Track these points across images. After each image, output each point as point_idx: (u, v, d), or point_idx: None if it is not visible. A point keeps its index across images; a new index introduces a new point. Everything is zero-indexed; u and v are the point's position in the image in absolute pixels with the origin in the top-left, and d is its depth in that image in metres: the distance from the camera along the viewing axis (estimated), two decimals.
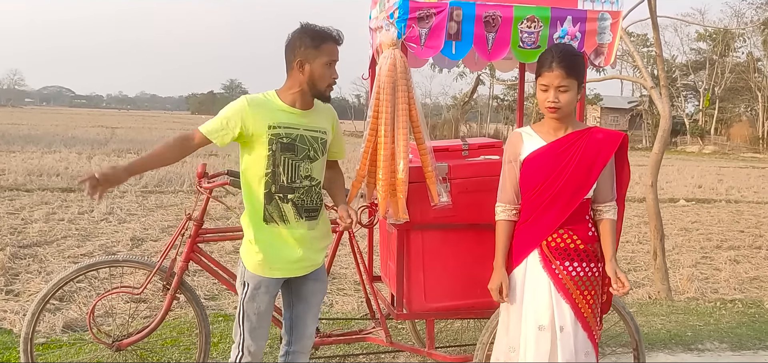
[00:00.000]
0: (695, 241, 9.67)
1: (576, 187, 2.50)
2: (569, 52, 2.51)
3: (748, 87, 49.62)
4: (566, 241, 2.53)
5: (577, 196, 2.50)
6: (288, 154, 2.58)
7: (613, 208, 2.58)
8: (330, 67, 2.59)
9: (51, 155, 18.28)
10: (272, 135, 2.56)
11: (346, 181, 3.02)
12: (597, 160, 2.50)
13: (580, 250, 2.53)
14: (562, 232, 2.52)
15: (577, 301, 2.51)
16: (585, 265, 2.53)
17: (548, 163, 2.51)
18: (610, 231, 2.57)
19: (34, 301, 3.13)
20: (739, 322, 5.03)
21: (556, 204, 2.51)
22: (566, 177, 2.49)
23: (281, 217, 2.61)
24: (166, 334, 4.20)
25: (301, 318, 2.80)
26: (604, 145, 2.51)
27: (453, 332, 4.36)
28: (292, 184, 2.60)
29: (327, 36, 2.58)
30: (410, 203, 2.96)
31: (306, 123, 2.63)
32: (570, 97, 2.46)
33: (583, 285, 2.52)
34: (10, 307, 4.99)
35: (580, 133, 2.53)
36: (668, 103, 5.90)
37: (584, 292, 2.52)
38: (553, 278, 2.52)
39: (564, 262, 2.51)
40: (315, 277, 2.78)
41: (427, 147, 2.99)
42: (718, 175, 23.18)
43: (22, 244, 7.26)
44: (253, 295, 2.64)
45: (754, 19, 40.73)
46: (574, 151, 2.50)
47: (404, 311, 3.14)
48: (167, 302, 3.16)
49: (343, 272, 6.73)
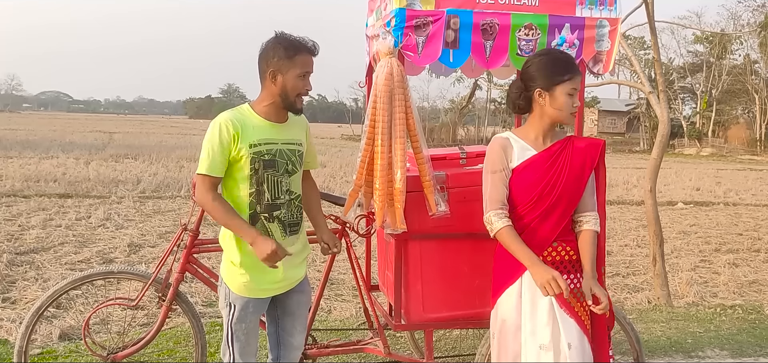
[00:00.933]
0: (694, 245, 9.65)
1: (569, 198, 2.41)
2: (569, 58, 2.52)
3: (745, 89, 49.73)
4: (561, 254, 2.44)
5: (570, 207, 2.42)
6: (270, 170, 2.52)
7: (595, 218, 2.47)
8: (303, 79, 2.52)
9: (49, 161, 18.24)
10: (254, 153, 2.49)
11: (348, 186, 2.99)
12: (584, 169, 2.42)
13: (574, 261, 2.45)
14: (556, 244, 2.43)
15: (580, 314, 2.42)
16: (579, 276, 2.45)
17: (541, 173, 2.40)
18: (590, 242, 2.44)
19: (29, 313, 3.10)
20: (740, 329, 5.01)
21: (551, 216, 2.40)
22: (560, 188, 2.39)
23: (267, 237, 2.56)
24: (163, 345, 4.17)
25: (289, 331, 2.77)
26: (587, 154, 2.44)
27: (452, 340, 4.34)
28: (276, 201, 2.55)
29: (301, 46, 2.50)
30: (408, 213, 2.93)
31: (283, 136, 2.58)
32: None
33: (582, 296, 2.42)
34: (6, 315, 4.95)
35: (564, 142, 2.46)
36: (667, 108, 5.89)
37: (583, 304, 2.42)
38: (555, 295, 2.36)
39: (562, 276, 2.35)
40: (299, 289, 2.75)
41: (424, 156, 2.96)
42: (716, 177, 23.20)
43: (19, 251, 7.23)
44: (242, 316, 2.59)
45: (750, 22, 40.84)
46: (563, 161, 2.41)
47: (402, 322, 3.11)
48: (163, 314, 3.13)
49: (341, 278, 6.70)
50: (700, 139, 49.35)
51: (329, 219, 3.30)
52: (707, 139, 49.84)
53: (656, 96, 5.89)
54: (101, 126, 51.43)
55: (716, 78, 50.62)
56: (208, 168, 2.47)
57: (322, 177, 16.19)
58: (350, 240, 3.39)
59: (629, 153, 45.63)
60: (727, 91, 51.00)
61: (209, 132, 2.49)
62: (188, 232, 3.15)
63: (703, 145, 48.01)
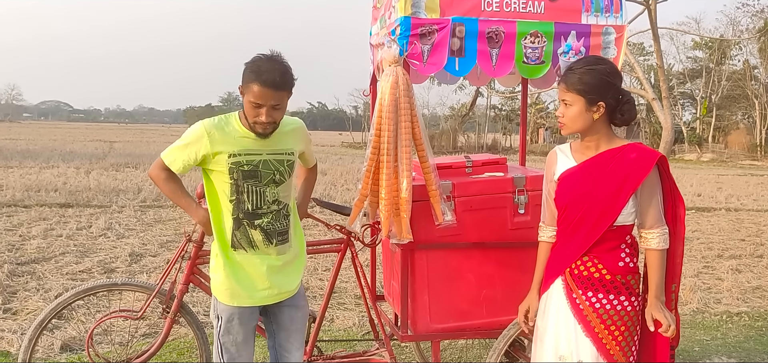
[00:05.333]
0: (696, 251, 9.61)
1: (601, 211, 2.27)
2: (582, 66, 2.30)
3: (745, 95, 49.76)
4: (590, 269, 2.32)
5: (603, 221, 2.28)
6: (251, 181, 2.50)
7: (660, 235, 2.27)
8: (256, 109, 2.39)
9: (49, 170, 18.20)
10: (232, 163, 2.48)
11: (349, 194, 2.97)
12: (627, 181, 2.25)
13: (606, 281, 2.30)
14: (586, 259, 2.32)
15: (601, 336, 2.28)
16: (613, 297, 2.29)
17: (576, 184, 2.34)
18: (654, 264, 2.28)
19: (32, 326, 3.07)
20: (747, 336, 4.97)
21: (580, 229, 2.31)
22: (592, 200, 2.29)
23: (250, 243, 2.54)
24: (166, 356, 4.13)
25: (284, 346, 2.74)
26: (635, 166, 2.25)
27: (457, 350, 4.30)
28: (257, 211, 2.53)
29: (258, 76, 2.36)
30: (414, 222, 2.91)
31: (268, 146, 2.53)
32: (574, 112, 2.28)
33: (610, 319, 2.28)
34: (7, 327, 4.91)
35: (613, 152, 2.31)
36: (670, 115, 5.87)
37: (610, 327, 2.28)
38: (573, 308, 2.33)
39: (587, 293, 2.31)
40: (292, 303, 2.71)
41: (430, 165, 2.94)
42: (717, 183, 23.14)
43: (20, 261, 7.18)
44: (228, 328, 2.57)
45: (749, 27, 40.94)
46: (603, 172, 2.29)
47: (409, 333, 3.09)
48: (167, 326, 3.10)
49: (344, 286, 6.65)
50: (700, 144, 49.35)
51: (334, 229, 3.27)
52: (707, 145, 49.84)
53: (659, 102, 5.87)
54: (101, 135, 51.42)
55: (716, 83, 50.66)
56: (170, 161, 2.55)
57: (322, 185, 16.13)
58: (356, 250, 3.36)
59: None
60: (726, 96, 51.02)
61: (191, 131, 2.52)
62: (192, 243, 3.12)
63: (704, 150, 47.99)
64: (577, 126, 2.32)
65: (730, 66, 51.08)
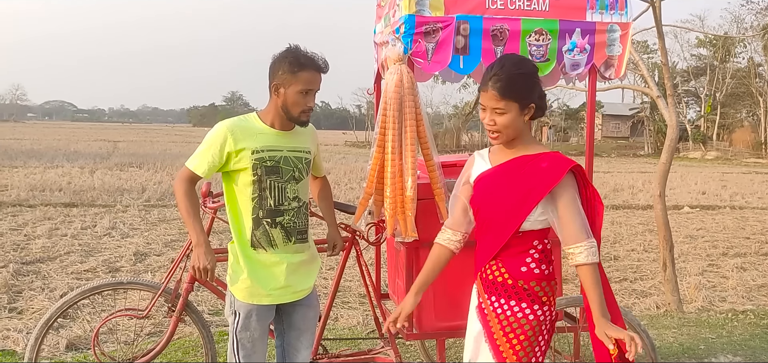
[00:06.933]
0: (701, 249, 9.59)
1: (506, 216, 2.16)
2: (509, 70, 2.13)
3: (749, 92, 49.62)
4: (495, 274, 2.20)
5: (508, 226, 2.15)
6: (273, 176, 2.54)
7: (588, 249, 2.08)
8: (306, 96, 2.51)
9: (53, 170, 18.27)
10: (256, 159, 2.51)
11: (352, 193, 2.98)
12: (535, 190, 2.12)
13: (508, 286, 2.17)
14: (493, 264, 2.20)
15: (500, 344, 2.16)
16: (514, 303, 2.16)
17: (489, 186, 2.23)
18: (587, 280, 2.08)
19: (38, 325, 3.09)
20: (752, 334, 4.96)
21: (489, 233, 2.21)
22: (500, 204, 2.18)
23: (269, 242, 2.56)
24: (171, 355, 4.14)
25: (293, 346, 2.75)
26: (545, 175, 2.12)
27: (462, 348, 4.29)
28: (279, 207, 2.56)
29: (307, 63, 2.49)
30: (419, 220, 2.91)
31: (288, 144, 2.59)
32: (508, 119, 2.11)
33: (509, 326, 2.15)
34: (13, 326, 4.93)
35: (528, 159, 2.17)
36: (675, 113, 5.84)
37: (509, 335, 2.15)
38: (479, 313, 2.23)
39: (491, 297, 2.19)
40: (305, 303, 2.73)
41: (435, 163, 2.94)
42: (722, 181, 23.10)
43: (25, 261, 7.21)
44: (246, 324, 2.58)
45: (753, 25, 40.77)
46: (514, 177, 2.17)
47: (414, 331, 3.08)
48: (172, 325, 3.11)
49: (348, 285, 6.66)
50: (704, 142, 49.25)
51: (339, 227, 3.27)
52: (712, 143, 49.74)
53: (664, 100, 5.85)
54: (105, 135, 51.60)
55: (720, 81, 50.52)
56: (196, 166, 2.53)
57: None
58: (360, 248, 3.37)
59: (634, 157, 45.52)
60: (731, 94, 50.89)
61: (213, 132, 2.54)
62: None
63: (708, 148, 47.88)
64: (512, 132, 2.16)
65: (734, 63, 50.93)
